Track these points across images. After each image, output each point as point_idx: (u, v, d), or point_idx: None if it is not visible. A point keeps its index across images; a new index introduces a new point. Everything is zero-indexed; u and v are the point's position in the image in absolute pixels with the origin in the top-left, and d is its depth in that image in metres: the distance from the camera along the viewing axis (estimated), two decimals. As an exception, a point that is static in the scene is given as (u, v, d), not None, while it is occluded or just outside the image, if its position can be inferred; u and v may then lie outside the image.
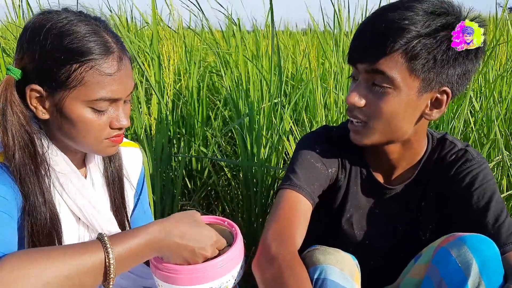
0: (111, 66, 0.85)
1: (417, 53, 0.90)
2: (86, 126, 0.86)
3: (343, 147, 1.12)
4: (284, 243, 0.93)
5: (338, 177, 1.12)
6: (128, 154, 1.11)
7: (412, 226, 1.12)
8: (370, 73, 0.94)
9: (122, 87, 0.88)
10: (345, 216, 1.14)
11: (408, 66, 0.91)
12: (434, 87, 0.94)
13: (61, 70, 0.82)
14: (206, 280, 0.84)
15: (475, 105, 2.17)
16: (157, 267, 0.86)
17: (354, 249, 1.08)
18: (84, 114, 0.85)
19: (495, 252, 0.86)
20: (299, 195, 1.02)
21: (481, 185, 1.01)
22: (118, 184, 1.06)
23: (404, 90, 0.93)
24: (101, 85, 0.84)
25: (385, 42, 0.90)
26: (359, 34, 0.97)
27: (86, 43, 0.83)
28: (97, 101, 0.85)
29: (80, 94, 0.84)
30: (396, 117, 0.96)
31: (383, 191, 1.12)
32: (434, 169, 1.09)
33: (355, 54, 0.97)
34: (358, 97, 0.96)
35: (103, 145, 0.91)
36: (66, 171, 0.92)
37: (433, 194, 1.09)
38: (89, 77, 0.83)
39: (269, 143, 2.00)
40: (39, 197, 0.85)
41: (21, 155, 0.83)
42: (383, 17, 0.93)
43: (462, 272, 0.85)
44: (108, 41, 0.86)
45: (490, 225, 0.96)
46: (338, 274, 0.86)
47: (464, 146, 1.09)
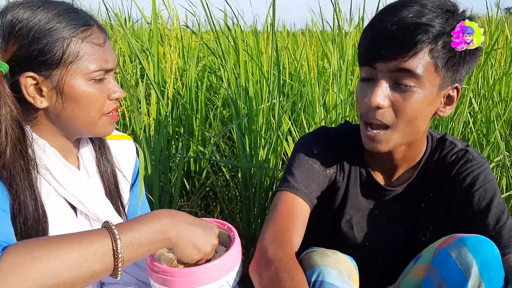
0: (98, 37, 0.89)
1: (440, 50, 0.89)
2: (89, 100, 0.89)
3: (341, 148, 1.11)
4: (281, 246, 0.92)
5: (337, 179, 1.11)
6: (120, 147, 1.12)
7: (413, 227, 1.11)
8: (395, 72, 0.91)
9: (111, 56, 0.92)
10: (345, 218, 1.13)
11: (434, 63, 0.90)
12: (449, 84, 0.95)
13: (54, 49, 0.84)
14: (201, 283, 0.83)
15: (474, 106, 2.17)
16: (153, 269, 0.85)
17: (354, 251, 1.08)
18: (85, 88, 0.88)
19: (495, 254, 0.86)
20: (296, 197, 1.01)
21: (482, 185, 1.00)
22: (111, 175, 1.07)
23: (427, 88, 0.92)
24: (95, 55, 0.88)
25: (413, 40, 0.88)
26: (376, 32, 0.93)
27: (70, 20, 0.86)
28: (95, 72, 0.88)
29: (78, 68, 0.87)
30: (418, 117, 0.94)
31: (383, 192, 1.11)
32: (434, 169, 1.09)
33: (375, 53, 0.92)
34: (383, 97, 0.92)
35: (102, 121, 0.94)
36: (57, 163, 0.92)
37: (434, 195, 1.09)
38: (83, 49, 0.86)
39: (267, 144, 1.99)
40: (28, 194, 0.85)
41: (11, 151, 0.83)
42: (401, 14, 0.90)
43: (462, 273, 0.84)
44: (85, 16, 0.90)
45: (491, 226, 0.95)
46: (336, 276, 0.85)
47: (465, 146, 1.08)
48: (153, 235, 0.76)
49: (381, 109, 0.93)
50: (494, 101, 2.17)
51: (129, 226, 0.75)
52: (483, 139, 2.11)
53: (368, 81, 0.96)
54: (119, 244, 0.72)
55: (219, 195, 2.15)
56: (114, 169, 1.08)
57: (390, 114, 0.94)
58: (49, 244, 0.69)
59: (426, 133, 1.07)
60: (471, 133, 1.98)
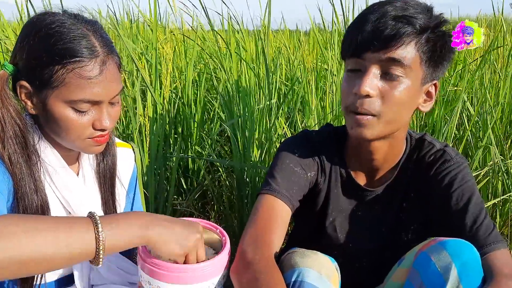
0: (92, 70, 0.87)
1: (424, 44, 0.93)
2: (68, 125, 0.90)
3: (323, 150, 1.12)
4: (260, 248, 0.93)
5: (318, 181, 1.12)
6: (119, 155, 1.14)
7: (395, 227, 1.12)
8: (384, 62, 0.93)
9: (104, 90, 0.90)
10: (328, 220, 1.14)
11: (419, 56, 0.93)
12: (429, 80, 0.98)
13: (45, 70, 0.86)
14: (189, 281, 0.84)
15: (469, 109, 2.16)
16: (145, 260, 0.86)
17: (338, 252, 1.09)
18: (65, 113, 0.89)
19: (474, 257, 0.87)
20: (277, 200, 1.02)
21: (460, 186, 1.01)
22: (109, 181, 1.09)
23: (412, 80, 0.95)
24: (81, 87, 0.87)
25: (402, 30, 0.91)
26: (365, 24, 0.95)
27: (70, 46, 0.86)
28: (77, 102, 0.88)
29: (61, 94, 0.87)
30: (403, 107, 0.96)
31: (364, 193, 1.12)
32: (413, 169, 1.10)
33: (364, 44, 0.94)
34: (372, 86, 0.94)
35: (86, 143, 0.94)
36: (55, 165, 0.96)
37: (414, 195, 1.10)
38: (69, 79, 0.86)
39: (262, 144, 2.00)
40: (31, 185, 0.89)
41: (11, 144, 0.88)
42: (386, 8, 0.93)
43: (441, 276, 0.85)
44: (94, 45, 0.88)
45: (468, 227, 0.96)
46: (315, 276, 0.86)
47: (443, 146, 1.09)
48: (133, 229, 0.78)
49: (369, 98, 0.94)
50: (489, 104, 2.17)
51: (111, 219, 0.77)
52: (480, 142, 2.11)
53: (356, 72, 0.97)
54: (101, 233, 0.73)
55: (214, 195, 2.16)
56: (114, 175, 1.10)
57: (377, 103, 0.95)
58: (35, 220, 0.71)
59: (406, 131, 1.09)
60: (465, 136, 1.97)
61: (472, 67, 2.48)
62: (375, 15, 0.93)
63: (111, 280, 1.07)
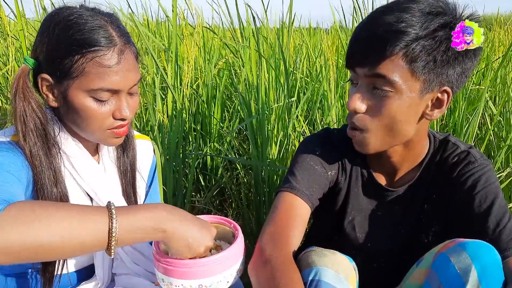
0: (110, 59, 0.90)
1: (417, 55, 0.89)
2: (88, 115, 0.92)
3: (344, 149, 1.11)
4: (279, 246, 0.93)
5: (339, 180, 1.12)
6: (138, 146, 1.16)
7: (415, 229, 1.11)
8: (371, 77, 0.93)
9: (123, 79, 0.92)
10: (347, 219, 1.13)
11: (409, 68, 0.90)
12: (435, 87, 0.94)
13: (65, 61, 0.88)
14: (200, 276, 0.85)
15: (492, 108, 2.13)
16: (157, 259, 0.87)
17: (356, 251, 1.08)
18: (86, 103, 0.91)
19: (495, 259, 0.85)
20: (297, 198, 1.02)
21: (483, 188, 0.99)
22: (130, 175, 1.11)
23: (405, 93, 0.92)
24: (101, 76, 0.90)
25: (385, 46, 0.89)
26: (356, 37, 0.96)
27: (89, 36, 0.89)
28: (97, 91, 0.90)
29: (81, 83, 0.90)
30: (398, 121, 0.95)
31: (385, 193, 1.11)
32: (436, 171, 1.08)
33: (354, 59, 0.96)
34: (359, 102, 0.95)
35: (106, 135, 0.96)
36: (76, 154, 0.98)
37: (436, 196, 1.08)
38: (89, 68, 0.89)
39: (279, 143, 1.99)
40: (50, 177, 0.91)
41: (32, 136, 0.90)
42: (379, 20, 0.92)
43: (460, 278, 0.84)
44: (112, 34, 0.91)
45: (491, 229, 0.94)
46: (333, 276, 0.86)
47: (467, 148, 1.07)
48: (148, 223, 0.78)
49: (358, 114, 0.96)
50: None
51: (128, 210, 0.77)
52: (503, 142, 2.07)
53: (353, 84, 0.99)
54: (115, 224, 0.73)
55: (231, 192, 2.17)
56: (135, 168, 1.13)
57: (365, 118, 0.96)
58: (51, 206, 0.72)
59: (425, 134, 1.07)
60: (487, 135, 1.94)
61: (495, 65, 2.44)
62: (365, 28, 0.94)
63: (134, 270, 1.08)
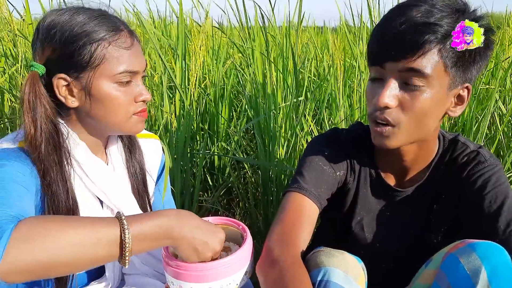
0: (126, 41, 0.95)
1: (450, 49, 0.89)
2: (114, 103, 0.95)
3: (352, 149, 1.11)
4: (287, 246, 0.93)
5: (347, 180, 1.11)
6: (147, 146, 1.17)
7: (424, 229, 1.10)
8: (403, 72, 0.91)
9: (139, 60, 0.97)
10: (356, 219, 1.13)
11: (443, 63, 0.90)
12: (459, 83, 0.94)
13: (83, 53, 0.90)
14: (210, 279, 0.85)
15: (502, 108, 2.11)
16: (167, 263, 0.88)
17: (365, 252, 1.08)
18: (110, 90, 0.94)
19: (505, 260, 0.84)
20: (305, 198, 1.02)
21: (493, 188, 0.98)
22: (140, 174, 1.12)
23: (436, 88, 0.92)
24: (121, 59, 0.93)
25: (421, 39, 0.88)
26: (385, 32, 0.93)
27: (100, 25, 0.92)
28: (122, 74, 0.93)
29: (104, 71, 0.92)
30: (426, 115, 0.94)
31: (393, 193, 1.10)
32: (445, 171, 1.07)
33: (385, 54, 0.92)
34: (391, 98, 0.92)
35: (132, 121, 0.99)
36: (87, 157, 0.99)
37: (445, 196, 1.07)
38: (110, 53, 0.92)
39: (287, 142, 1.99)
40: (61, 186, 0.91)
41: (46, 146, 0.90)
42: (410, 14, 0.90)
43: (470, 279, 0.83)
44: (116, 21, 0.95)
45: (502, 230, 0.93)
46: (342, 276, 0.86)
47: (477, 148, 1.07)
48: (158, 231, 0.79)
49: (389, 109, 0.93)
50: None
51: (139, 219, 0.78)
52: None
53: (377, 81, 0.96)
54: (127, 235, 0.74)
55: (238, 192, 2.17)
56: (144, 168, 1.13)
57: (398, 113, 0.94)
58: (61, 221, 0.72)
59: (437, 133, 1.06)
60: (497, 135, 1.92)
61: (504, 65, 2.42)
62: (396, 23, 0.91)
63: (144, 271, 1.09)
